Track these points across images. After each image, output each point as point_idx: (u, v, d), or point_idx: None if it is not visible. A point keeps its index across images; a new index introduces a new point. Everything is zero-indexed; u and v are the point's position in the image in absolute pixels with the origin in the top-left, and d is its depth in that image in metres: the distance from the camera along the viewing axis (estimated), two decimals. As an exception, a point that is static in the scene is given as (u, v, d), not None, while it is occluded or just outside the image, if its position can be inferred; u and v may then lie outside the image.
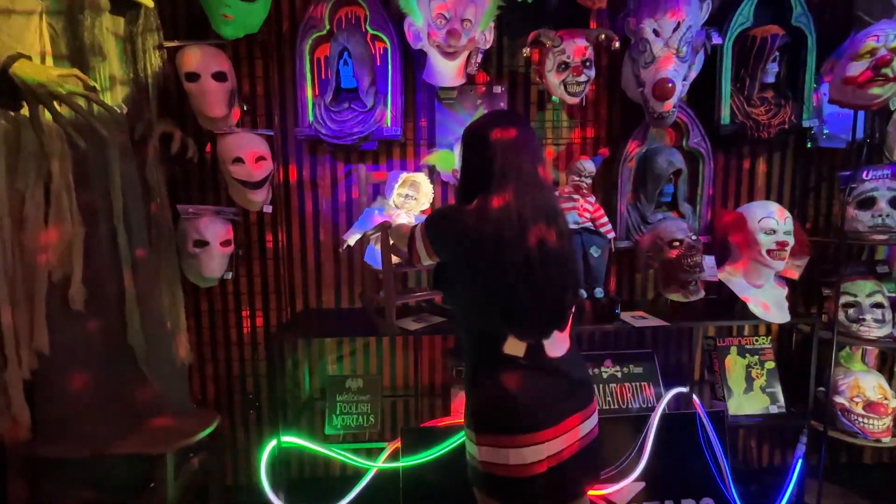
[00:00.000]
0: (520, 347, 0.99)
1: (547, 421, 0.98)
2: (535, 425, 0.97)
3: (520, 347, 0.99)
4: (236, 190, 1.74)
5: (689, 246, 1.70)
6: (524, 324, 0.99)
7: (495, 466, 0.99)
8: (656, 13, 1.61)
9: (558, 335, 1.03)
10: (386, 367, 2.09)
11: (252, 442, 2.08)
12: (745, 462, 2.23)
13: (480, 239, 0.97)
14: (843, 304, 1.85)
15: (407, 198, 1.72)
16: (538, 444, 0.97)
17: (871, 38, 1.56)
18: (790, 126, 1.86)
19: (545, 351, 1.01)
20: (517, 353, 0.99)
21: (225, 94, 1.64)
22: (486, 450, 0.99)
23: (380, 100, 1.83)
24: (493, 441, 0.99)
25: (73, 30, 1.38)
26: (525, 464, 0.96)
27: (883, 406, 1.76)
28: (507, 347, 0.99)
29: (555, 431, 0.98)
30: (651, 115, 1.70)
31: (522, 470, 0.96)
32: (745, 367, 1.91)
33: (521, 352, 0.99)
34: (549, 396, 1.00)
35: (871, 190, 1.75)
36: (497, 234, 0.96)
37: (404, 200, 1.72)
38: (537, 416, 0.98)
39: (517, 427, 0.97)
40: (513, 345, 0.99)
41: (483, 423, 1.01)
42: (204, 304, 2.01)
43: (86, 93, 1.26)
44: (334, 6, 1.81)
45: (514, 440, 0.97)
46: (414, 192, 1.75)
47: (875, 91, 1.56)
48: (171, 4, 1.83)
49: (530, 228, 0.97)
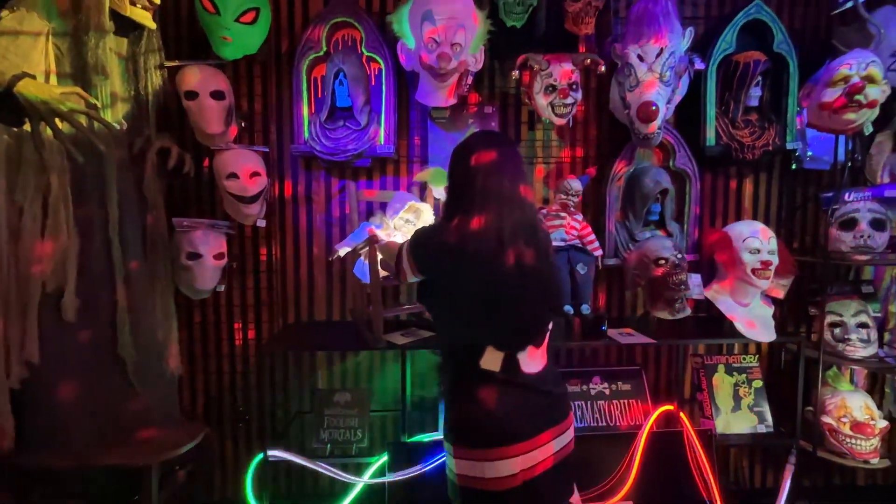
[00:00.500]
0: (496, 362, 1.02)
1: (521, 435, 1.00)
2: (509, 439, 0.99)
3: (496, 362, 1.02)
4: (231, 204, 1.78)
5: (675, 264, 1.72)
6: (500, 333, 1.02)
7: (472, 480, 1.00)
8: (640, 39, 1.67)
9: (534, 351, 1.05)
10: (375, 381, 2.10)
11: (240, 455, 2.08)
12: (736, 482, 2.21)
13: (461, 255, 1.01)
14: (829, 323, 1.87)
15: (407, 222, 1.75)
16: (512, 458, 0.98)
17: (844, 65, 1.61)
18: (774, 148, 1.90)
19: (521, 367, 1.03)
20: (493, 368, 1.02)
21: (222, 111, 1.69)
22: (463, 463, 1.01)
23: (374, 118, 1.88)
24: (470, 455, 1.01)
25: (77, 50, 1.43)
26: (500, 477, 0.98)
27: (870, 427, 1.75)
28: (484, 362, 1.01)
29: (528, 445, 1.00)
30: (637, 136, 1.75)
31: (497, 483, 0.98)
32: (733, 385, 1.92)
33: (497, 367, 1.02)
34: (524, 411, 1.02)
35: (853, 211, 1.79)
36: (476, 250, 1.00)
37: (404, 224, 1.74)
38: (511, 431, 1.00)
39: (492, 441, 0.99)
40: (489, 360, 1.02)
41: (460, 436, 1.03)
42: (197, 316, 2.03)
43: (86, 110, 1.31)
44: (331, 29, 1.88)
45: (489, 454, 0.98)
46: (415, 218, 1.77)
47: (849, 116, 1.61)
48: (174, 26, 1.91)
49: (508, 246, 1.01)
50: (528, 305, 1.03)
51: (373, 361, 2.10)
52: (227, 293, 2.02)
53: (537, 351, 1.06)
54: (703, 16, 2.06)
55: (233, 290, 2.03)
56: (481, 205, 1.02)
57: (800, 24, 2.08)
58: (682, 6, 2.04)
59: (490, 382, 1.02)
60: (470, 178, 1.04)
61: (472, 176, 1.04)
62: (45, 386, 1.42)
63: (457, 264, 1.01)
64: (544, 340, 1.08)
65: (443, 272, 1.06)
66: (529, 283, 1.03)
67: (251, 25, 1.67)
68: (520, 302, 1.02)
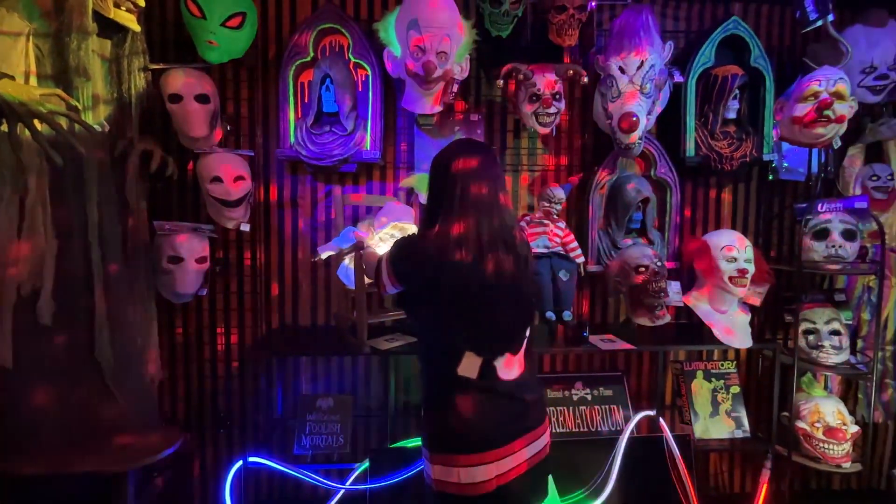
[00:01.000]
0: (473, 369, 1.03)
1: (495, 441, 1.01)
2: (484, 445, 1.00)
3: (473, 369, 1.03)
4: (214, 208, 1.77)
5: (655, 272, 1.76)
6: (478, 339, 1.03)
7: (446, 484, 1.01)
8: (622, 52, 1.71)
9: (511, 358, 1.06)
10: (360, 386, 2.09)
11: (221, 461, 2.05)
12: (715, 487, 2.24)
13: (440, 264, 1.02)
14: (804, 330, 1.92)
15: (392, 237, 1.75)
16: (486, 464, 1.00)
17: (814, 81, 1.67)
18: (751, 159, 1.95)
19: (497, 374, 1.04)
20: (470, 375, 1.02)
21: (206, 115, 1.69)
22: (439, 468, 1.02)
23: (360, 124, 1.90)
24: (445, 460, 1.02)
25: (59, 51, 1.42)
26: (474, 482, 0.99)
27: (841, 432, 1.80)
28: (461, 369, 1.02)
29: (503, 452, 1.01)
30: (619, 146, 1.79)
31: (471, 488, 0.99)
32: (711, 391, 1.96)
33: (474, 373, 1.02)
34: (499, 418, 1.03)
35: (825, 222, 1.84)
36: (455, 258, 1.01)
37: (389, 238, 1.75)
38: (486, 437, 1.01)
39: (466, 447, 1.00)
40: (466, 366, 1.03)
41: (435, 442, 1.04)
42: (178, 320, 2.01)
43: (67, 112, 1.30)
44: (319, 35, 1.89)
45: (464, 459, 1.00)
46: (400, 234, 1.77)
47: (819, 131, 1.67)
48: (159, 29, 1.90)
49: (487, 253, 1.02)
50: (505, 312, 1.04)
51: (357, 367, 2.10)
52: (210, 297, 2.00)
53: (515, 358, 1.07)
54: (683, 30, 2.12)
55: (216, 295, 2.01)
56: (461, 212, 1.03)
57: (776, 41, 2.15)
58: (663, 20, 2.10)
59: (466, 389, 1.02)
60: (450, 185, 1.05)
61: (452, 183, 1.05)
62: (18, 391, 1.40)
63: (436, 273, 1.02)
64: (522, 347, 1.09)
65: (422, 281, 1.06)
66: (507, 290, 1.04)
67: (237, 30, 1.68)
68: (497, 309, 1.03)
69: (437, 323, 1.06)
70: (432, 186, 1.13)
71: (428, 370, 1.10)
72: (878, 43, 1.89)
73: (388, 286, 1.15)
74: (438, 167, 1.11)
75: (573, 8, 1.76)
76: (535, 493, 1.10)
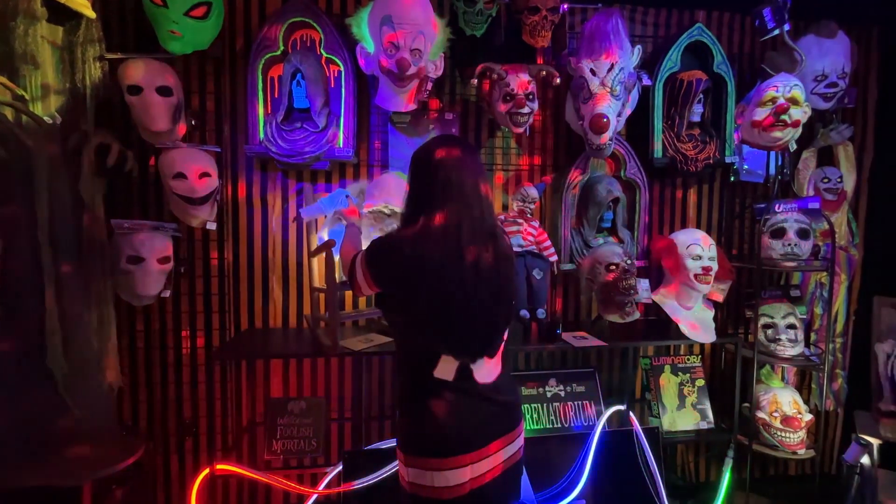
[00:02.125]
0: (450, 371, 1.01)
1: (471, 445, 1.00)
2: (460, 449, 0.99)
3: (450, 371, 1.01)
4: (178, 206, 1.70)
5: (624, 270, 1.80)
6: (457, 342, 1.01)
7: (421, 488, 1.00)
8: (593, 54, 1.75)
9: (488, 361, 1.05)
10: (334, 388, 2.05)
11: (187, 470, 1.97)
12: (682, 476, 2.33)
13: (419, 258, 0.98)
14: (763, 325, 2.01)
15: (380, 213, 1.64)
16: (461, 468, 0.99)
17: (771, 87, 1.76)
18: (715, 161, 2.04)
19: (474, 376, 1.03)
20: (447, 378, 1.01)
21: (169, 108, 1.61)
22: (413, 471, 1.01)
23: (333, 121, 1.86)
24: (420, 463, 1.00)
25: (4, 37, 1.33)
26: (448, 486, 0.98)
27: (797, 420, 1.90)
28: (438, 371, 1.01)
29: (478, 455, 1.01)
30: (590, 146, 1.82)
31: (446, 492, 0.98)
32: (678, 384, 2.03)
33: (450, 376, 1.01)
34: (475, 421, 1.02)
35: (782, 221, 1.94)
36: (434, 251, 0.98)
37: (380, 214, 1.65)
38: (462, 441, 1.00)
39: (442, 450, 0.99)
40: (443, 368, 1.01)
41: (411, 445, 1.02)
42: (140, 323, 1.92)
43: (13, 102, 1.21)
44: (289, 28, 1.84)
45: (439, 463, 0.98)
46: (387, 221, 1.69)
47: (776, 134, 1.76)
48: (117, 17, 1.80)
49: (466, 247, 1.00)
50: (484, 316, 1.02)
51: (330, 368, 2.06)
52: (174, 299, 1.91)
53: (491, 361, 1.07)
54: (650, 35, 2.18)
55: (180, 296, 1.93)
56: (442, 204, 1.00)
57: (737, 48, 2.25)
58: (632, 25, 2.16)
59: (443, 392, 1.01)
60: (431, 176, 1.02)
61: (434, 173, 1.02)
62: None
63: (414, 274, 1.00)
64: (499, 349, 1.09)
65: (400, 283, 1.03)
66: (488, 291, 1.02)
67: (202, 20, 1.61)
68: (477, 312, 1.01)
69: (414, 325, 1.03)
70: (413, 182, 1.09)
71: (403, 372, 1.08)
72: (828, 53, 2.01)
73: (363, 288, 1.09)
74: (419, 161, 1.08)
75: (546, 9, 1.78)
76: (508, 494, 1.10)
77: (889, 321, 2.06)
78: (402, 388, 1.08)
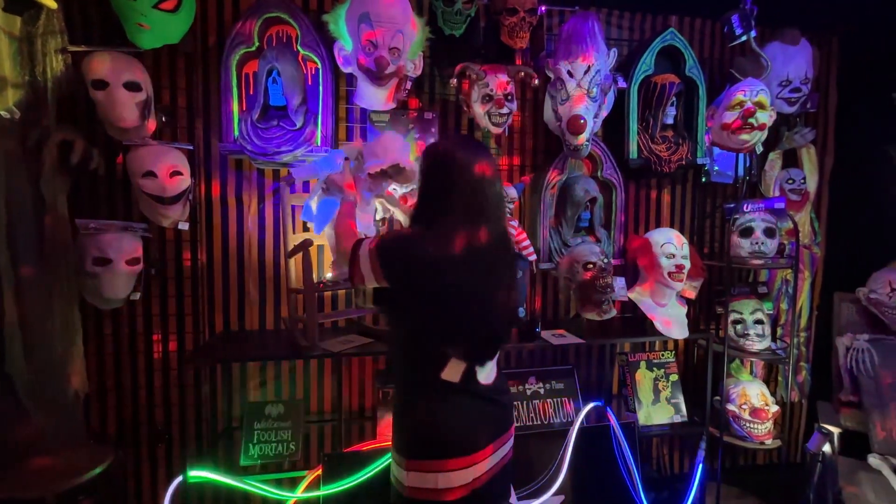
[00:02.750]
0: (456, 374, 1.01)
1: (477, 445, 1.01)
2: (465, 450, 1.00)
3: (456, 374, 1.01)
4: (148, 205, 1.64)
5: (601, 269, 1.84)
6: (471, 346, 1.02)
7: (421, 491, 0.99)
8: (570, 56, 1.77)
9: (490, 363, 1.07)
10: (313, 391, 2.02)
11: (159, 479, 1.91)
12: (658, 470, 2.39)
13: (440, 263, 0.97)
14: (732, 320, 2.09)
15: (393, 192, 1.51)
16: (466, 469, 0.99)
17: (739, 92, 1.83)
18: (687, 162, 2.09)
19: (477, 378, 1.04)
20: (453, 380, 1.01)
21: (137, 104, 1.55)
22: (414, 475, 0.99)
23: (310, 119, 1.83)
24: (423, 466, 0.99)
25: (-45, 26, 1.26)
26: (451, 488, 0.98)
27: (764, 412, 1.98)
28: (445, 374, 1.00)
29: (481, 455, 1.02)
30: (568, 147, 1.85)
31: (448, 494, 0.98)
32: (653, 380, 2.08)
33: (456, 378, 1.01)
34: (479, 422, 1.03)
35: (750, 221, 2.02)
36: (457, 258, 0.98)
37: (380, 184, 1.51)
38: (468, 441, 1.01)
39: (448, 452, 0.99)
40: (450, 371, 1.01)
41: (413, 448, 1.01)
42: (108, 327, 1.84)
43: (-35, 95, 1.15)
44: (264, 24, 1.79)
45: (444, 465, 0.98)
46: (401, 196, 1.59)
47: (744, 137, 1.83)
48: (80, 8, 1.72)
49: (487, 256, 1.01)
50: (496, 319, 1.04)
51: (309, 371, 2.03)
52: (145, 302, 1.85)
53: (491, 362, 1.08)
54: (626, 39, 2.23)
55: (151, 299, 1.87)
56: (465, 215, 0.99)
57: (707, 53, 2.32)
58: (608, 28, 2.20)
59: (449, 393, 1.01)
60: (451, 186, 1.00)
61: (463, 184, 1.00)
62: None
63: (432, 278, 0.98)
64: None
65: (415, 285, 1.00)
66: (499, 295, 1.04)
67: (172, 13, 1.56)
68: (490, 316, 1.03)
69: (424, 327, 1.02)
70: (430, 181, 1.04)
71: (405, 374, 1.06)
72: (792, 59, 2.10)
73: (367, 280, 1.04)
74: (440, 162, 1.03)
75: (524, 11, 1.79)
76: (503, 493, 1.11)
77: (848, 316, 2.17)
78: (404, 390, 1.06)
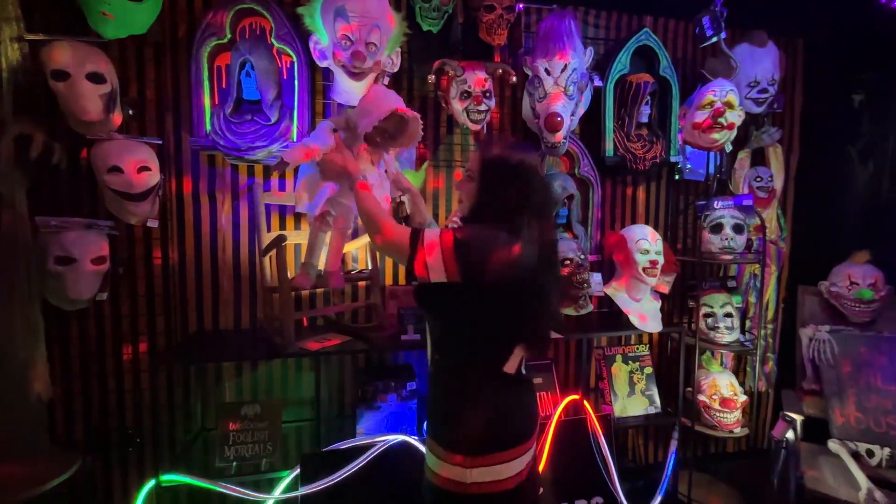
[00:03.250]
0: (514, 365, 1.08)
1: (533, 429, 1.09)
2: (527, 434, 1.07)
3: (514, 365, 1.08)
4: (114, 202, 1.58)
5: (578, 264, 1.87)
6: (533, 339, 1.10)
7: (488, 485, 1.01)
8: (547, 54, 1.79)
9: None
10: (291, 390, 2.00)
11: (131, 484, 1.85)
12: (634, 460, 2.46)
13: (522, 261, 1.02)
14: (704, 314, 2.15)
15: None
16: (526, 453, 1.06)
17: (710, 92, 1.88)
18: (661, 160, 2.15)
19: (523, 368, 1.12)
20: (511, 371, 1.08)
21: (101, 96, 1.49)
22: (479, 471, 1.01)
23: (285, 114, 1.79)
24: (489, 460, 1.02)
25: None
26: (513, 475, 1.03)
27: (733, 401, 2.06)
28: (507, 366, 1.07)
29: (535, 438, 1.10)
30: (546, 144, 1.87)
31: (513, 481, 1.03)
32: (629, 373, 2.13)
33: (513, 369, 1.08)
34: (533, 408, 1.12)
35: (720, 217, 2.08)
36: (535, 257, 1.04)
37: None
38: (528, 427, 1.08)
39: (513, 440, 1.04)
40: (511, 363, 1.07)
41: (478, 444, 1.02)
42: (73, 329, 1.77)
43: None
44: (236, 15, 1.75)
45: (510, 454, 1.03)
46: None
47: (714, 136, 1.88)
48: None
49: (552, 255, 1.13)
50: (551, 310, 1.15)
51: (286, 370, 2.00)
52: (113, 302, 1.79)
53: None
54: (602, 38, 2.26)
55: (119, 299, 1.80)
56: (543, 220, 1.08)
57: (680, 53, 2.37)
58: (585, 27, 2.23)
59: (512, 385, 1.08)
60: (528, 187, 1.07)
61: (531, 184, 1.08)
62: None
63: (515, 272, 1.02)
64: None
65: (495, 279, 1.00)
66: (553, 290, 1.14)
67: (138, 2, 1.50)
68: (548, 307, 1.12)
69: (495, 322, 1.05)
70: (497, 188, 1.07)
71: (464, 370, 1.07)
72: (760, 60, 2.17)
73: (434, 273, 1.00)
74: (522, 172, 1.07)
75: (501, 8, 1.80)
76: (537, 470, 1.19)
77: (811, 308, 2.27)
78: (463, 387, 1.06)
